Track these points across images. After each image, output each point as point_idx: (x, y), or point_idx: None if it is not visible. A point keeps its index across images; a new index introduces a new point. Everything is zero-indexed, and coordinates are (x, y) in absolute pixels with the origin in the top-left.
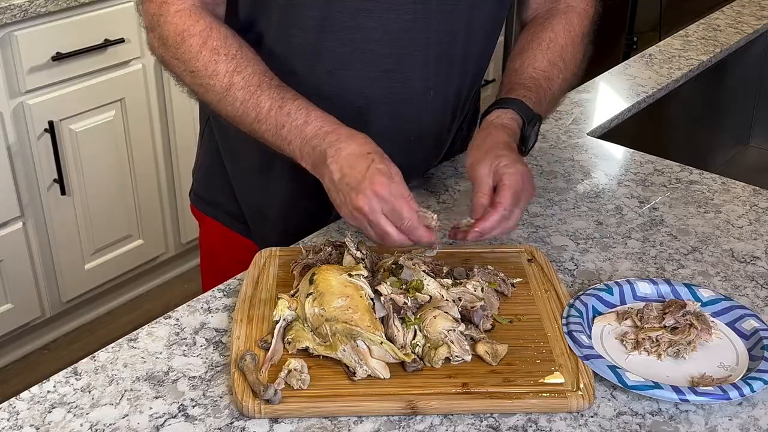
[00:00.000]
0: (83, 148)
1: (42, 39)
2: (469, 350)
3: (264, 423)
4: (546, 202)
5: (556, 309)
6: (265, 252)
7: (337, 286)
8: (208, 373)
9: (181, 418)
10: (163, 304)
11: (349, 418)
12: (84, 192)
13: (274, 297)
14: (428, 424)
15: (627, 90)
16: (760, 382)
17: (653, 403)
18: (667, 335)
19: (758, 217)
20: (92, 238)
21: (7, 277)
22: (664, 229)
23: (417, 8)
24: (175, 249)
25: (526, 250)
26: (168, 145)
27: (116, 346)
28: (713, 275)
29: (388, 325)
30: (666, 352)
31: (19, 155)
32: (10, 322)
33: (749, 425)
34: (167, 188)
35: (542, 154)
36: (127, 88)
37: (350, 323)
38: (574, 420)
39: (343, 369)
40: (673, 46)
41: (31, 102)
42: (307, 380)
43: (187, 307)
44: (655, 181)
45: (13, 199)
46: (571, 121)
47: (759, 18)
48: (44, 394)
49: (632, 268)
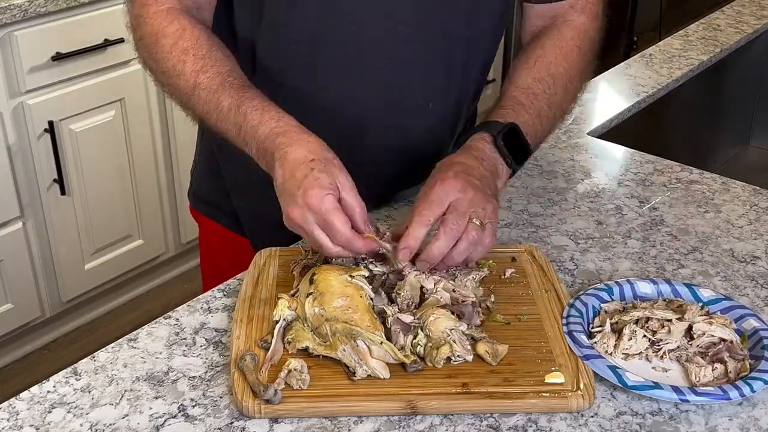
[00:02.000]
0: (83, 148)
1: (42, 39)
2: (470, 350)
3: (264, 423)
4: (546, 202)
5: (556, 309)
6: (265, 252)
7: (337, 286)
8: (208, 373)
9: (181, 418)
10: (163, 304)
11: (349, 418)
12: (84, 192)
13: (274, 297)
14: (428, 424)
15: (627, 90)
16: (760, 382)
17: (653, 403)
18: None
19: (758, 216)
20: (92, 238)
21: (7, 277)
22: (664, 229)
23: (415, 20)
24: (175, 249)
25: (525, 250)
26: (168, 144)
27: (116, 346)
28: (713, 275)
29: (389, 324)
30: (669, 356)
31: (19, 155)
32: (10, 322)
33: (749, 425)
34: (167, 188)
35: (542, 154)
36: (126, 88)
37: (350, 323)
38: (574, 420)
39: (343, 369)
40: (673, 46)
41: (31, 102)
42: (307, 380)
43: (187, 307)
44: (655, 181)
45: (13, 199)
46: (571, 121)
47: (759, 18)
48: (44, 394)
49: (632, 268)
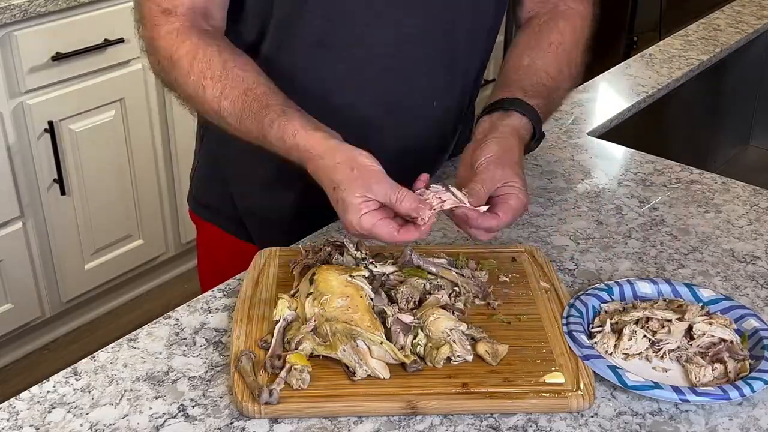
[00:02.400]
0: (83, 148)
1: (42, 39)
2: (470, 350)
3: (264, 423)
4: (546, 202)
5: (556, 309)
6: (265, 252)
7: (337, 286)
8: (208, 373)
9: (180, 418)
10: (163, 304)
11: (349, 418)
12: (84, 192)
13: (274, 297)
14: (428, 424)
15: (627, 90)
16: (760, 382)
17: (653, 403)
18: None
19: (758, 216)
20: (92, 238)
21: (7, 277)
22: (664, 229)
23: (418, 22)
24: (175, 249)
25: (525, 250)
26: (168, 144)
27: (116, 346)
28: (713, 275)
29: (389, 324)
30: (669, 356)
31: (18, 155)
32: (10, 322)
33: (749, 425)
34: (167, 188)
35: (542, 154)
36: (126, 88)
37: (350, 323)
38: (574, 420)
39: (343, 369)
40: (673, 46)
41: (31, 102)
42: (307, 380)
43: (187, 307)
44: (655, 181)
45: (13, 199)
46: (571, 121)
47: (759, 18)
48: (44, 394)
49: (632, 268)
